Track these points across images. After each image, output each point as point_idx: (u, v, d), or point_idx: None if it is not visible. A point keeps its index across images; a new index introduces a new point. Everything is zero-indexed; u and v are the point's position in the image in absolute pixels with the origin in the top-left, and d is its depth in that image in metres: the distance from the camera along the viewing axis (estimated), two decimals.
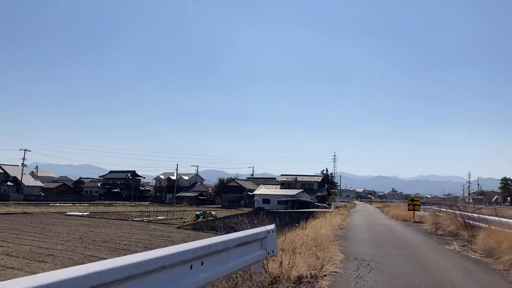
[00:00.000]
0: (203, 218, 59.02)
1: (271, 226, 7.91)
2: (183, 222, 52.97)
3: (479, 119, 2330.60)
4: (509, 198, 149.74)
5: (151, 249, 5.17)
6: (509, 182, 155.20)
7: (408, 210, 28.88)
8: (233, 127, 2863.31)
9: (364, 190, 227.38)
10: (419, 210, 28.78)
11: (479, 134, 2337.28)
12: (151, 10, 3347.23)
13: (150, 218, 58.83)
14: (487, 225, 13.68)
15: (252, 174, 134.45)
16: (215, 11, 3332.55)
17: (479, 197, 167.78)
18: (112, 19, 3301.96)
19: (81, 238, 34.71)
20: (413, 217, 28.35)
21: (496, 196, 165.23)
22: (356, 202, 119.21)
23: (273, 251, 7.48)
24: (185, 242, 27.35)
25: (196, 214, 64.47)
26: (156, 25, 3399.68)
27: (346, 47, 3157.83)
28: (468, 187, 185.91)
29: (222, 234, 7.08)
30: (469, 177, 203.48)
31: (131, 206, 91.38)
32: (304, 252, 9.31)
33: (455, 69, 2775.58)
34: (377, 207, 64.29)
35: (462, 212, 16.59)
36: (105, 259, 4.81)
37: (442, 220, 19.40)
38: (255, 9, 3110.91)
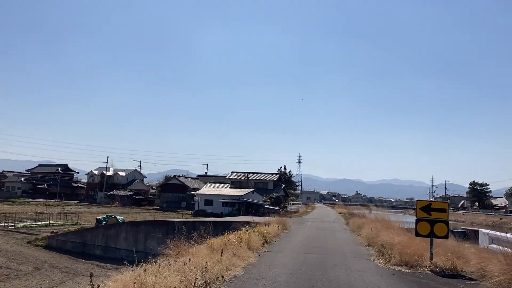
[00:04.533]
0: (106, 223, 40.41)
1: None
2: (51, 232, 33.47)
3: (440, 126, 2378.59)
4: (477, 204, 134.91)
5: None
6: (478, 186, 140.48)
7: (418, 234, 10.26)
8: (197, 127, 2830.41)
9: (328, 192, 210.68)
10: (447, 237, 10.16)
11: (439, 140, 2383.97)
12: (119, 5, 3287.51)
13: (22, 224, 38.89)
14: None
15: (206, 172, 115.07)
16: (186, 11, 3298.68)
17: (446, 202, 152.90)
18: (78, 13, 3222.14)
19: None
20: (431, 258, 9.83)
21: (463, 201, 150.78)
22: (318, 204, 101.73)
23: None
24: None
25: (96, 219, 45.44)
26: (124, 21, 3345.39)
27: (313, 51, 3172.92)
28: (434, 191, 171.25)
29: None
30: (432, 182, 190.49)
31: (48, 205, 70.40)
32: None
33: (419, 76, 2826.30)
34: (340, 213, 45.81)
35: None
36: None
37: None
38: (226, 11, 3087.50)
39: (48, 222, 42.06)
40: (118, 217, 45.56)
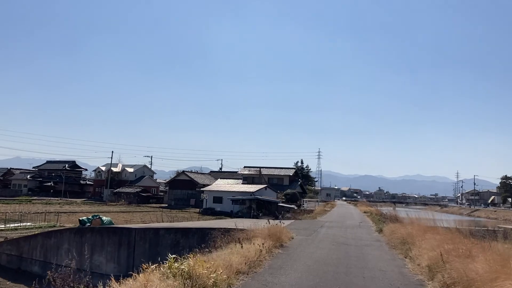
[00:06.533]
0: (90, 225, 33.35)
1: None
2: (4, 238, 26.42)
3: (463, 120, 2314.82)
4: (509, 199, 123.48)
5: None
6: (510, 181, 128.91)
7: None
8: (214, 123, 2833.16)
9: (349, 188, 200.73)
10: None
11: (462, 135, 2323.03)
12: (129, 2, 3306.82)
13: None
14: None
15: (221, 168, 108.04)
16: (198, 7, 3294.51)
17: (474, 197, 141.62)
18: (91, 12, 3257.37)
19: None
20: None
21: (493, 197, 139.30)
22: (338, 202, 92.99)
23: None
24: None
25: (79, 220, 38.20)
26: (136, 18, 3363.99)
27: (333, 46, 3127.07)
28: (461, 187, 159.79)
29: None
30: (457, 177, 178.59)
31: (49, 204, 64.28)
32: None
33: (441, 69, 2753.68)
34: (365, 213, 37.12)
35: None
36: None
37: None
38: (239, 6, 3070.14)
39: (19, 224, 35.09)
40: (104, 217, 38.21)
